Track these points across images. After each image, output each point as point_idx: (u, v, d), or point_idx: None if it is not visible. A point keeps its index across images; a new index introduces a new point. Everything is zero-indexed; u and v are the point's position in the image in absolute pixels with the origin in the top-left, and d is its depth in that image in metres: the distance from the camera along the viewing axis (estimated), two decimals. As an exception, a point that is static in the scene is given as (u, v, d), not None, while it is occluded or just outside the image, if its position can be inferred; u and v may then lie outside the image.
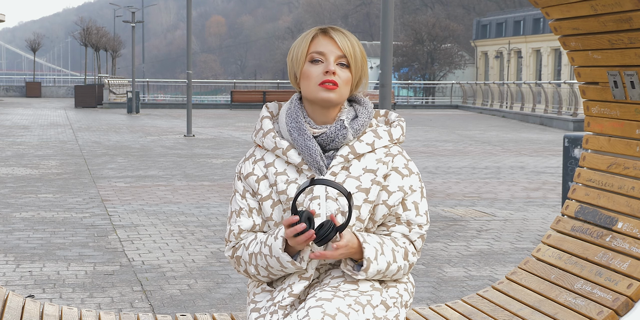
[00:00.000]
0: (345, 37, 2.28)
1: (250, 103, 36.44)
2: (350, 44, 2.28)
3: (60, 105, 38.45)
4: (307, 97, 2.30)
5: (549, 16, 3.12)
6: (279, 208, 2.31)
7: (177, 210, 8.62)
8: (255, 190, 2.34)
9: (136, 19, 38.68)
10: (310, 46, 2.28)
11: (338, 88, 2.26)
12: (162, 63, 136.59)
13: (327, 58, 2.26)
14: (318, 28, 2.31)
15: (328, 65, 2.26)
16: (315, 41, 2.28)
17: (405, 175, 2.32)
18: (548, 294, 2.87)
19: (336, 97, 2.27)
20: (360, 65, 2.30)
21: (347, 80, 2.28)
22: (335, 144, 2.30)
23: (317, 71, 2.26)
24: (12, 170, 12.19)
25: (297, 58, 2.30)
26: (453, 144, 18.39)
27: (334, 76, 2.25)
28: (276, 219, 2.31)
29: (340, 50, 2.26)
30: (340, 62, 2.27)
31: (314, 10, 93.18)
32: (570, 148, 7.13)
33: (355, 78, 2.30)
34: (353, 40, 2.30)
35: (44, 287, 5.45)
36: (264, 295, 2.35)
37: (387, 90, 9.33)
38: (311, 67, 2.27)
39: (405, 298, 2.34)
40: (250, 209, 2.35)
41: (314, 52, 2.27)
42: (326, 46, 2.27)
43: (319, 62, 2.27)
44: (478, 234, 7.51)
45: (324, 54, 2.27)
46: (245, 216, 2.35)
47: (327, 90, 2.25)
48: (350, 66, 2.28)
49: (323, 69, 2.26)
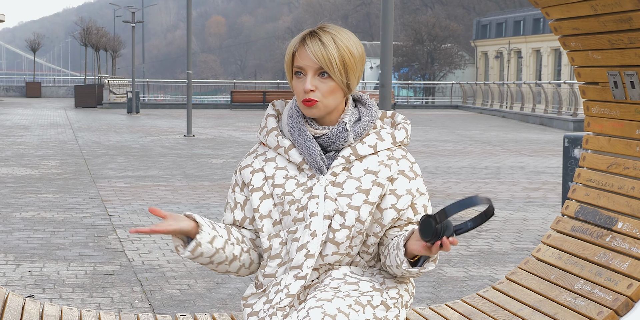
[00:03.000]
0: (320, 46, 2.24)
1: (250, 103, 36.45)
2: (325, 53, 2.23)
3: (60, 105, 38.45)
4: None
5: (549, 16, 3.12)
6: (268, 201, 2.31)
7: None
8: (247, 181, 2.34)
9: (136, 19, 38.68)
10: (294, 60, 2.28)
11: (319, 102, 2.26)
12: (162, 63, 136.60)
13: (306, 72, 2.26)
14: (302, 36, 2.29)
15: (305, 82, 2.25)
16: (297, 54, 2.27)
17: (412, 178, 2.32)
18: (548, 294, 2.87)
19: (318, 111, 2.27)
20: (341, 70, 2.25)
21: (330, 90, 2.27)
22: (336, 146, 2.30)
23: (300, 87, 2.27)
24: (12, 170, 12.19)
25: (287, 70, 2.32)
26: (453, 144, 18.39)
27: (312, 93, 2.25)
28: (262, 211, 2.31)
29: (316, 62, 2.24)
30: (320, 72, 2.26)
31: (314, 10, 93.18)
32: (570, 148, 7.13)
33: (342, 83, 2.28)
34: (331, 45, 2.24)
35: (44, 287, 5.45)
36: (255, 298, 2.34)
37: (387, 90, 9.32)
38: (295, 82, 2.29)
39: (406, 298, 2.34)
40: (235, 203, 2.37)
41: (296, 66, 2.27)
42: (304, 59, 2.25)
43: (301, 75, 2.27)
44: (478, 234, 7.51)
45: (303, 68, 2.26)
46: (229, 211, 2.39)
47: (307, 108, 2.27)
48: (331, 75, 2.26)
49: (302, 87, 2.26)
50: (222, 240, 2.28)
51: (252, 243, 2.37)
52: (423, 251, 2.10)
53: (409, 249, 2.17)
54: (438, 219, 2.01)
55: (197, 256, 2.25)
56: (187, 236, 2.26)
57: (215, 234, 2.27)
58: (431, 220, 2.02)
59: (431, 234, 2.03)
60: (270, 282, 2.32)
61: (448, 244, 2.03)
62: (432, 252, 2.09)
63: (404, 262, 2.20)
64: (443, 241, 2.03)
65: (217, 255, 2.28)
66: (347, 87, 2.29)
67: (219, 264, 2.31)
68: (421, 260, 2.21)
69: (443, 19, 65.90)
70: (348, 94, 2.33)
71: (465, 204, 1.99)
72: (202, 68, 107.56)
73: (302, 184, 2.29)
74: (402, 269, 2.22)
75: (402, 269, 2.21)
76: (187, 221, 2.22)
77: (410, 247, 2.16)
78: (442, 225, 2.02)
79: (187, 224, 2.22)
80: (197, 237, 2.22)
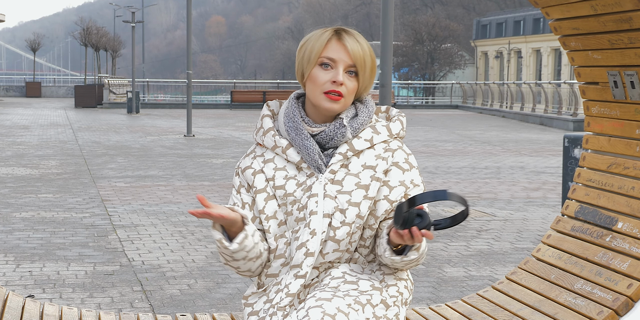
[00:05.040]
0: (358, 45, 2.26)
1: (250, 103, 36.45)
2: (362, 53, 2.25)
3: (60, 105, 38.45)
4: (311, 100, 2.29)
5: (549, 16, 3.12)
6: (272, 202, 2.32)
7: (177, 210, 8.62)
8: (251, 183, 2.34)
9: (136, 19, 38.69)
10: (324, 50, 2.26)
11: (342, 98, 2.25)
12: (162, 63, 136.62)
13: (337, 66, 2.24)
14: (334, 29, 2.28)
15: (337, 74, 2.24)
16: (329, 45, 2.26)
17: (406, 169, 2.32)
18: (548, 294, 2.87)
19: (339, 107, 2.26)
20: (368, 74, 2.27)
21: (353, 89, 2.27)
22: (334, 143, 2.30)
23: (325, 78, 2.24)
24: (12, 170, 12.19)
25: (308, 58, 2.27)
26: (453, 144, 18.39)
27: (341, 87, 2.24)
28: (268, 213, 2.32)
29: (351, 59, 2.24)
30: (349, 70, 2.25)
31: (314, 10, 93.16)
32: (570, 148, 7.13)
33: (361, 87, 2.29)
34: (366, 47, 2.27)
35: (44, 287, 5.45)
36: (256, 297, 2.35)
37: (387, 90, 9.32)
38: (320, 72, 2.25)
39: (405, 296, 2.34)
40: (243, 204, 2.36)
41: (325, 56, 2.25)
42: (338, 53, 2.25)
43: (329, 67, 2.25)
44: (478, 234, 7.51)
45: (335, 61, 2.24)
46: None
47: (331, 101, 2.25)
48: (359, 75, 2.26)
49: (331, 77, 2.24)
50: (258, 235, 2.30)
51: (266, 242, 2.38)
52: (396, 238, 2.11)
53: (390, 237, 2.18)
54: (406, 206, 2.03)
55: (241, 249, 2.24)
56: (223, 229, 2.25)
57: (255, 227, 2.29)
58: (402, 206, 2.04)
59: (400, 220, 2.05)
60: (271, 282, 2.33)
61: (418, 234, 2.04)
62: (405, 240, 2.09)
63: (386, 250, 2.21)
64: (413, 231, 2.04)
65: (254, 250, 2.28)
66: (363, 90, 2.31)
67: (250, 260, 2.29)
68: (406, 249, 2.21)
69: (443, 19, 65.88)
70: (356, 96, 2.33)
71: (436, 195, 2.01)
72: (202, 68, 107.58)
73: (301, 184, 2.30)
74: (386, 258, 2.22)
75: (387, 258, 2.22)
76: (234, 212, 2.22)
77: (390, 234, 2.17)
78: (411, 214, 2.04)
79: (235, 214, 2.22)
80: (246, 228, 2.23)
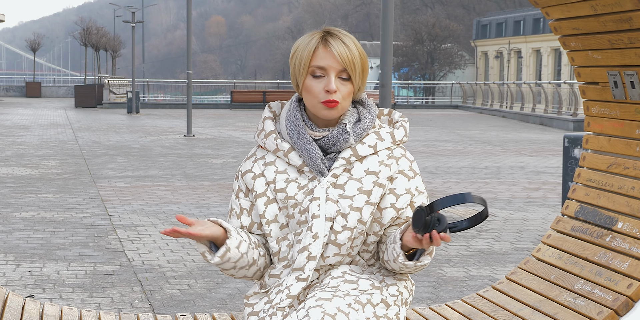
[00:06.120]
0: (345, 48, 2.23)
1: (250, 103, 36.44)
2: (350, 56, 2.23)
3: (60, 105, 38.45)
4: (309, 109, 2.29)
5: (549, 16, 3.12)
6: (273, 206, 2.31)
7: (177, 210, 8.62)
8: (251, 187, 2.34)
9: (136, 19, 38.66)
10: (312, 59, 2.24)
11: (339, 104, 2.25)
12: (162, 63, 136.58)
13: (328, 73, 2.23)
14: (320, 35, 2.26)
15: (329, 83, 2.22)
16: (316, 53, 2.24)
17: (411, 177, 2.33)
18: (548, 294, 2.87)
19: (337, 113, 2.26)
20: (360, 74, 2.26)
21: (349, 93, 2.26)
22: (336, 148, 2.29)
23: (319, 88, 2.24)
24: (12, 170, 12.19)
25: (299, 69, 2.27)
26: (453, 144, 18.39)
27: (335, 94, 2.23)
28: (269, 217, 2.31)
29: (341, 64, 2.23)
30: (341, 76, 2.25)
31: (314, 10, 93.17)
32: (570, 148, 7.13)
33: (356, 88, 2.28)
34: (353, 48, 2.24)
35: (44, 287, 5.45)
36: (257, 298, 2.35)
37: (387, 90, 9.33)
38: (312, 82, 2.24)
39: (405, 296, 2.34)
40: (241, 209, 2.36)
41: (315, 66, 2.24)
42: (327, 60, 2.23)
43: (321, 77, 2.24)
44: (478, 234, 7.52)
45: (325, 69, 2.23)
46: (235, 217, 2.37)
47: (328, 109, 2.24)
48: (351, 78, 2.25)
49: (324, 87, 2.23)
50: (246, 245, 2.28)
51: (264, 247, 2.37)
52: (414, 243, 2.10)
53: (404, 242, 2.17)
54: (428, 211, 2.02)
55: (224, 262, 2.23)
56: (210, 242, 2.25)
57: (241, 238, 2.27)
58: (422, 211, 2.03)
59: (421, 226, 2.04)
60: (273, 283, 2.33)
61: (438, 238, 2.03)
62: (423, 244, 2.08)
63: (400, 255, 2.20)
64: (433, 235, 2.04)
65: (241, 260, 2.27)
66: (358, 90, 2.30)
67: (241, 268, 2.30)
68: (417, 254, 2.21)
69: (443, 19, 65.89)
70: (355, 97, 2.33)
71: (457, 199, 2.00)
72: (202, 68, 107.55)
73: (303, 187, 2.29)
74: (398, 263, 2.22)
75: (399, 263, 2.21)
76: (215, 226, 2.22)
77: (404, 239, 2.16)
78: (433, 218, 2.03)
79: (216, 229, 2.21)
80: (227, 242, 2.21)
